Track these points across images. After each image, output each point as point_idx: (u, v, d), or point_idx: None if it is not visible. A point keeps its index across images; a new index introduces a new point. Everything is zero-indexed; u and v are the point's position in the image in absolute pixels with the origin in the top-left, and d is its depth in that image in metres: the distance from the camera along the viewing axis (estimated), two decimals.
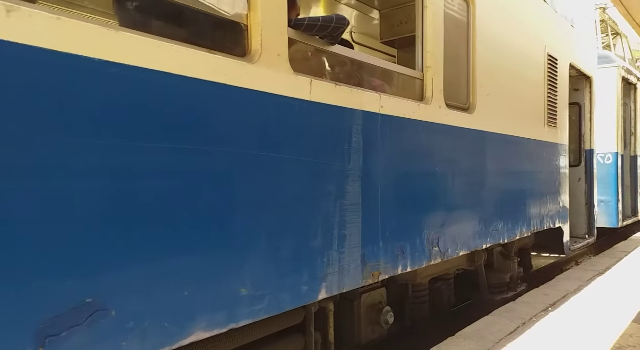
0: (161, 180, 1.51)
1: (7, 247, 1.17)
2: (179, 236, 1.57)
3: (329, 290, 2.19)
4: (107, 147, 1.36)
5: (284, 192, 1.96)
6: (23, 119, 1.20)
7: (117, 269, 1.40)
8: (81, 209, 1.31)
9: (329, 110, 2.20)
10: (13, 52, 1.18)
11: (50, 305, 1.24)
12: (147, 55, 1.47)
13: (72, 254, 1.29)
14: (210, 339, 1.69)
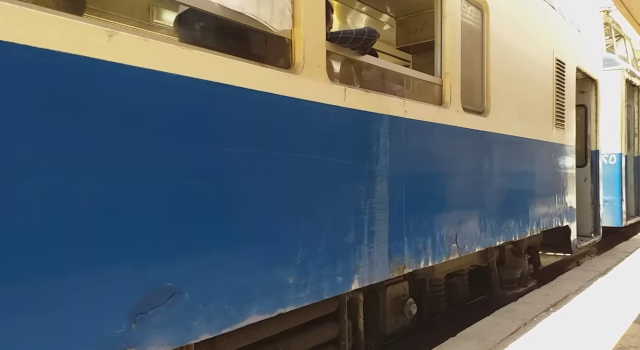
0: (227, 181, 1.70)
1: (110, 241, 1.37)
2: (241, 232, 1.76)
3: (361, 281, 2.38)
4: (189, 151, 1.56)
5: (323, 191, 2.15)
6: (120, 123, 1.40)
7: (191, 259, 1.59)
8: (166, 208, 1.50)
9: (360, 115, 2.39)
10: (114, 69, 1.37)
11: (140, 289, 1.44)
12: (214, 70, 1.66)
13: (156, 246, 1.49)
14: (262, 322, 1.88)
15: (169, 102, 1.54)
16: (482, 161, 3.53)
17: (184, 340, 1.58)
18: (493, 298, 4.30)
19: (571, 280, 4.55)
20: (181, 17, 1.86)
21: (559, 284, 4.39)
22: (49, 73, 1.26)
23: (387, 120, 2.56)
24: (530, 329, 3.01)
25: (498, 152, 3.75)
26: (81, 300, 1.31)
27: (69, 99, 1.30)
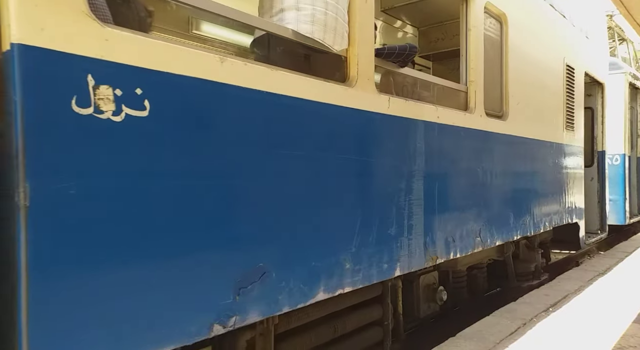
0: (304, 180, 2.00)
1: (224, 229, 1.66)
2: (313, 224, 2.05)
3: (402, 269, 2.67)
4: (281, 155, 1.86)
5: (373, 188, 2.44)
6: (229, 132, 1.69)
7: (277, 245, 1.88)
8: (263, 204, 1.80)
9: (401, 121, 2.68)
10: (225, 89, 1.67)
11: (242, 267, 1.73)
12: (291, 86, 1.96)
13: (253, 234, 1.78)
14: (325, 300, 2.17)
15: (262, 113, 1.83)
16: (501, 162, 3.82)
17: (272, 311, 1.87)
18: (509, 290, 4.59)
19: (570, 280, 4.54)
20: (257, 40, 2.14)
21: (559, 284, 4.37)
22: (189, 93, 1.57)
23: (422, 125, 2.85)
24: (530, 329, 2.99)
25: (515, 154, 4.04)
26: (205, 277, 1.61)
27: (202, 113, 1.60)
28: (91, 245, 1.34)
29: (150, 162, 1.48)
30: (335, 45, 2.19)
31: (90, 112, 1.34)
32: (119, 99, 1.40)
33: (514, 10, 3.97)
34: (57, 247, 1.26)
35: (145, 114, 1.47)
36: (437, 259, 2.98)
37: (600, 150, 7.14)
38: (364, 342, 2.62)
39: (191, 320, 1.59)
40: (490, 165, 3.63)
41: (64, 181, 1.28)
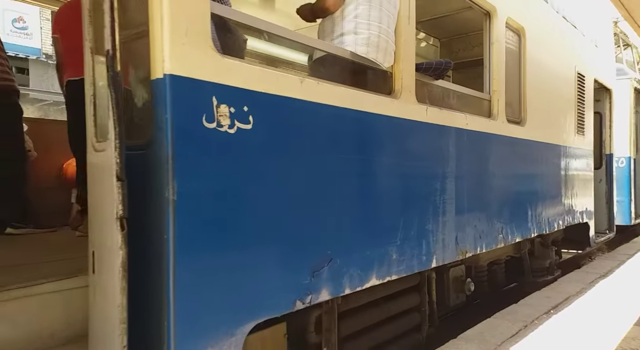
0: (364, 181, 2.33)
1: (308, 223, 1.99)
2: (369, 219, 2.38)
3: (437, 261, 2.99)
4: (350, 159, 2.20)
5: (414, 188, 2.77)
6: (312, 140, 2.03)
7: (340, 236, 2.21)
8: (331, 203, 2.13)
9: (436, 128, 3.00)
10: (303, 104, 2.00)
11: (315, 255, 2.06)
12: (349, 100, 2.29)
13: (325, 227, 2.11)
14: (377, 286, 2.49)
15: (330, 124, 2.17)
16: (520, 164, 4.14)
17: (337, 292, 2.20)
18: (525, 284, 4.89)
19: (572, 282, 4.49)
20: (317, 59, 2.47)
21: (560, 286, 4.34)
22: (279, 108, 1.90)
23: (454, 131, 3.18)
24: (531, 331, 2.99)
25: (533, 157, 4.36)
26: (292, 261, 1.95)
27: (289, 125, 1.94)
28: (217, 229, 1.67)
29: (254, 165, 1.82)
30: (385, 63, 2.53)
31: (214, 126, 1.67)
32: (233, 115, 1.73)
33: (532, 24, 4.30)
34: (194, 230, 1.60)
35: (250, 127, 1.80)
36: (466, 253, 3.30)
37: (608, 153, 7.45)
38: (405, 325, 2.94)
39: (281, 296, 1.93)
40: (510, 168, 3.95)
41: (198, 180, 1.62)
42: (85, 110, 1.68)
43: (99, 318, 1.58)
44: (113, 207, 1.46)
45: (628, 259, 5.78)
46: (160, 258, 1.54)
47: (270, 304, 1.89)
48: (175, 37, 1.55)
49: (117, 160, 1.45)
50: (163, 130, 1.55)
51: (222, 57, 1.72)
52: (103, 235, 1.54)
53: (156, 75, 1.56)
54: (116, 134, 1.45)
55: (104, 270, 1.56)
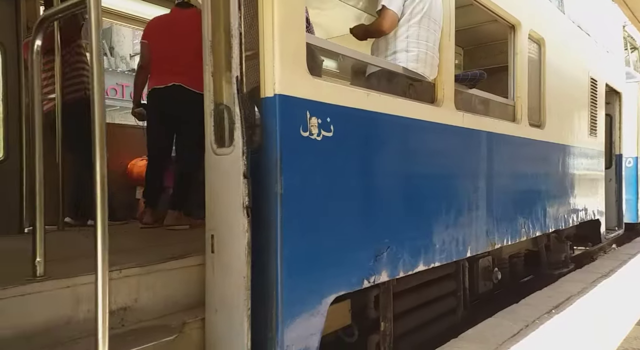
0: (414, 179, 2.70)
1: (371, 216, 2.37)
2: (419, 214, 2.75)
3: (471, 251, 3.36)
4: (409, 161, 2.57)
5: (454, 186, 3.14)
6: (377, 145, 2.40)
7: (395, 228, 2.59)
8: (389, 197, 2.51)
9: (471, 132, 3.36)
10: (370, 115, 2.38)
11: (377, 242, 2.44)
12: (402, 109, 2.66)
13: (383, 217, 2.49)
14: (422, 271, 2.86)
15: (389, 129, 2.54)
16: (541, 165, 4.50)
17: (392, 275, 2.57)
18: (542, 276, 5.25)
19: (573, 282, 4.46)
20: (371, 74, 2.84)
21: (561, 285, 4.31)
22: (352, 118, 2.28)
23: (485, 135, 3.54)
24: (532, 331, 2.97)
25: (551, 157, 4.72)
26: (362, 246, 2.33)
27: (359, 131, 2.32)
28: (311, 216, 2.06)
29: (334, 165, 2.19)
30: (430, 76, 2.90)
31: (307, 135, 2.05)
32: (320, 125, 2.11)
33: (550, 35, 4.65)
34: (295, 216, 1.98)
35: (331, 134, 2.18)
36: (495, 244, 3.67)
37: (617, 153, 7.79)
38: (444, 307, 3.31)
39: (354, 275, 2.31)
40: (531, 168, 4.31)
41: (297, 176, 1.99)
42: (205, 122, 2.06)
43: (220, 288, 1.96)
44: (239, 198, 1.84)
45: (630, 258, 5.76)
46: (270, 238, 1.92)
47: (346, 281, 2.26)
48: (283, 65, 1.93)
49: (244, 162, 1.83)
50: (273, 139, 1.92)
51: (313, 78, 2.09)
52: (227, 221, 1.92)
53: (267, 94, 1.94)
54: (243, 142, 1.83)
55: (225, 249, 1.93)
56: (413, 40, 2.74)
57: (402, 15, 2.72)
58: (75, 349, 1.67)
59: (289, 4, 1.97)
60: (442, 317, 3.30)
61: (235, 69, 1.86)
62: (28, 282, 1.65)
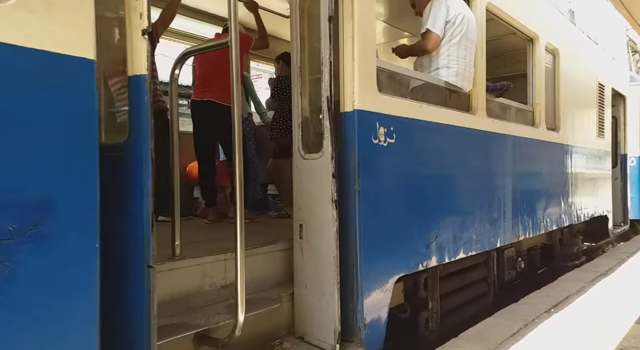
0: (457, 179, 3.13)
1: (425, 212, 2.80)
2: (458, 207, 3.18)
3: (500, 242, 3.78)
4: (458, 163, 3.00)
5: (485, 185, 3.56)
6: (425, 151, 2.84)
7: (442, 220, 3.01)
8: (439, 196, 2.94)
9: (500, 136, 3.79)
10: (422, 123, 2.81)
11: (428, 232, 2.87)
12: (445, 117, 3.09)
13: (433, 213, 2.92)
14: (461, 259, 3.28)
15: (437, 135, 2.97)
16: (556, 165, 4.92)
17: (440, 261, 2.99)
18: (556, 268, 5.67)
19: (572, 280, 4.47)
20: (415, 87, 3.26)
21: (560, 284, 4.32)
22: (408, 127, 2.71)
23: (510, 138, 3.97)
24: (531, 330, 2.99)
25: (565, 158, 5.14)
26: (419, 236, 2.75)
27: (415, 137, 2.74)
28: (381, 208, 2.48)
29: (397, 167, 2.62)
30: (467, 88, 3.33)
31: (377, 142, 2.47)
32: (385, 133, 2.53)
33: (564, 45, 5.08)
34: (369, 208, 2.41)
35: (394, 141, 2.60)
36: (519, 236, 4.09)
37: (622, 153, 8.23)
38: (476, 291, 3.74)
39: (412, 259, 2.73)
40: (548, 167, 4.73)
41: (370, 176, 2.42)
42: (293, 132, 2.49)
43: (309, 267, 2.39)
44: (329, 194, 2.27)
45: (628, 257, 5.77)
46: (350, 227, 2.35)
47: (406, 264, 2.69)
48: (360, 85, 2.36)
49: (333, 165, 2.25)
50: (352, 146, 2.35)
51: (380, 94, 2.52)
52: (315, 212, 2.34)
53: (347, 109, 2.37)
54: (332, 149, 2.26)
55: (314, 235, 2.36)
56: (453, 58, 3.17)
57: (443, 37, 3.15)
58: (208, 311, 2.09)
59: (365, 38, 2.41)
60: (477, 299, 3.73)
61: (326, 90, 2.29)
62: (172, 260, 2.08)
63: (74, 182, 1.28)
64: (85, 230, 1.31)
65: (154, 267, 1.52)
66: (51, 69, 1.23)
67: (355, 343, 2.36)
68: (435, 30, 3.11)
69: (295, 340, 2.44)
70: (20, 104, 1.18)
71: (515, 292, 4.32)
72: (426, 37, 3.15)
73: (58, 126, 1.24)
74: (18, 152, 1.17)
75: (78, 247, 1.29)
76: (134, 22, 1.49)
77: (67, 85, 1.27)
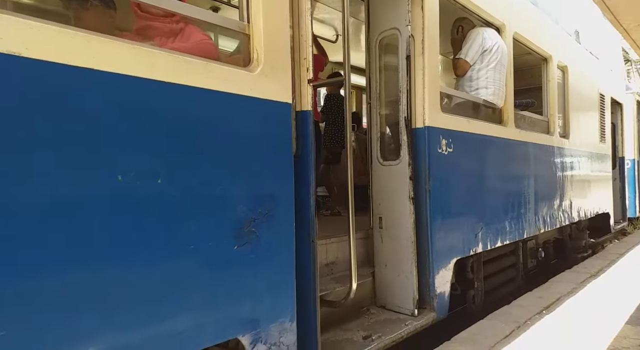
0: (496, 181, 3.80)
1: (473, 207, 3.45)
2: (496, 203, 3.84)
3: (527, 234, 4.44)
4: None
5: (514, 185, 4.22)
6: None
7: (487, 215, 3.66)
8: (483, 194, 3.59)
9: (524, 144, 4.45)
10: (469, 135, 3.46)
11: (476, 223, 3.52)
12: (484, 129, 3.74)
13: (478, 208, 3.57)
14: (499, 247, 3.92)
15: (479, 144, 3.62)
16: (567, 167, 5.60)
17: (484, 248, 3.63)
18: (565, 259, 6.33)
19: (563, 282, 4.53)
20: (457, 104, 3.91)
21: (552, 286, 4.39)
22: (461, 138, 3.35)
23: (532, 145, 4.63)
24: (524, 332, 3.03)
25: (574, 161, 5.82)
26: (470, 227, 3.39)
27: (465, 146, 3.39)
28: (446, 204, 3.12)
29: (455, 171, 3.26)
30: (500, 104, 3.99)
31: (441, 151, 3.12)
32: (446, 144, 3.18)
33: (572, 62, 5.77)
34: (437, 204, 3.04)
35: (452, 150, 3.24)
36: (540, 229, 4.75)
37: (620, 156, 8.98)
38: (507, 276, 4.39)
39: (465, 245, 3.37)
40: (561, 170, 5.41)
41: (437, 178, 3.06)
42: (372, 143, 3.13)
43: (388, 250, 3.02)
44: (406, 192, 2.91)
45: (618, 258, 5.93)
46: (422, 218, 2.99)
47: (461, 249, 3.34)
48: (429, 106, 3.01)
49: (410, 169, 2.90)
50: (423, 154, 2.99)
51: (442, 113, 3.17)
52: (394, 207, 2.98)
53: (418, 126, 3.01)
54: (409, 157, 2.90)
55: (393, 225, 2.99)
56: (490, 80, 3.83)
57: (482, 62, 3.80)
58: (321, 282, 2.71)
59: (431, 70, 3.06)
60: (509, 283, 4.38)
61: (403, 111, 2.94)
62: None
63: (284, 183, 1.91)
64: (289, 214, 1.94)
65: (315, 242, 2.15)
66: (272, 109, 1.87)
67: (428, 309, 3.00)
68: (467, 58, 3.77)
69: (378, 308, 3.07)
70: (260, 132, 1.82)
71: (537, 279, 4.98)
72: (458, 64, 3.82)
73: (277, 145, 1.88)
74: (262, 166, 1.80)
75: (286, 224, 1.92)
76: (302, 75, 2.13)
77: (279, 118, 1.90)
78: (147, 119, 1.48)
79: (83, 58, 1.31)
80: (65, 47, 1.27)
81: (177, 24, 1.83)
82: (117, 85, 1.39)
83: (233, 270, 1.75)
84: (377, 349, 2.50)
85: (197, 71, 1.63)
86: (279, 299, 1.93)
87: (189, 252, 1.59)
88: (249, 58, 1.88)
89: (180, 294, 1.55)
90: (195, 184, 1.61)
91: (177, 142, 1.57)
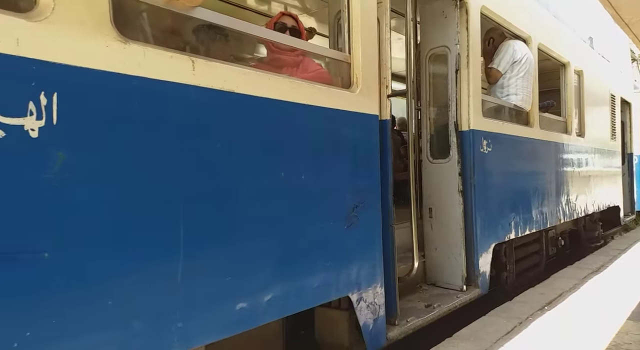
0: (523, 178, 4.31)
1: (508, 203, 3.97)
2: (527, 197, 4.35)
3: (549, 223, 4.94)
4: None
5: (538, 179, 4.72)
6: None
7: (517, 207, 4.17)
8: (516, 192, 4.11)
9: (546, 142, 4.95)
10: (504, 136, 3.97)
11: (510, 214, 4.03)
12: (515, 130, 4.25)
13: (512, 203, 4.09)
14: (527, 234, 4.43)
15: (512, 144, 4.13)
16: (584, 164, 6.10)
17: (515, 235, 4.14)
18: (580, 249, 6.83)
19: (565, 278, 4.57)
20: (489, 108, 4.40)
21: (553, 282, 4.41)
22: (497, 139, 3.87)
23: (553, 144, 5.13)
24: (526, 328, 3.02)
25: (589, 158, 6.32)
26: (507, 218, 3.91)
27: (501, 147, 3.90)
28: (487, 196, 3.64)
29: (494, 167, 3.78)
30: (528, 108, 4.49)
31: (482, 151, 3.63)
32: (487, 144, 3.69)
33: (587, 67, 6.26)
34: (480, 196, 3.56)
35: (491, 149, 3.75)
36: (560, 220, 5.26)
37: (629, 152, 9.46)
38: (533, 261, 4.90)
39: (502, 232, 3.89)
40: (578, 166, 5.91)
41: (480, 174, 3.57)
42: (422, 144, 3.63)
43: (438, 236, 3.53)
44: (456, 186, 3.43)
45: (620, 254, 5.95)
46: (468, 209, 3.50)
47: (498, 236, 3.85)
48: (474, 113, 3.52)
49: (459, 167, 3.41)
50: (469, 154, 3.51)
51: (483, 118, 3.67)
52: (444, 198, 3.49)
53: (464, 129, 3.52)
54: (458, 156, 3.41)
55: (442, 214, 3.51)
56: (520, 87, 4.33)
57: (512, 72, 4.31)
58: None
59: (474, 80, 3.58)
60: (534, 267, 4.89)
61: (453, 116, 3.46)
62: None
63: (372, 178, 2.44)
64: (377, 203, 2.47)
65: (393, 226, 2.67)
66: (367, 120, 2.39)
67: (473, 286, 3.52)
68: (499, 68, 4.28)
69: (428, 285, 3.60)
70: (359, 138, 2.35)
71: (556, 266, 5.49)
72: (490, 73, 4.32)
73: (370, 148, 2.41)
74: (362, 164, 2.33)
75: (375, 211, 2.45)
76: (383, 91, 2.65)
77: (371, 127, 2.43)
78: (296, 132, 2.01)
79: (263, 90, 1.85)
80: (257, 84, 1.81)
81: (298, 56, 2.35)
82: (282, 107, 1.93)
83: (345, 244, 2.27)
84: (439, 314, 3.03)
85: (323, 95, 2.16)
86: (373, 269, 2.46)
87: (322, 229, 2.12)
88: (349, 81, 2.40)
89: (319, 257, 2.10)
90: (324, 179, 2.14)
91: (312, 149, 2.10)
